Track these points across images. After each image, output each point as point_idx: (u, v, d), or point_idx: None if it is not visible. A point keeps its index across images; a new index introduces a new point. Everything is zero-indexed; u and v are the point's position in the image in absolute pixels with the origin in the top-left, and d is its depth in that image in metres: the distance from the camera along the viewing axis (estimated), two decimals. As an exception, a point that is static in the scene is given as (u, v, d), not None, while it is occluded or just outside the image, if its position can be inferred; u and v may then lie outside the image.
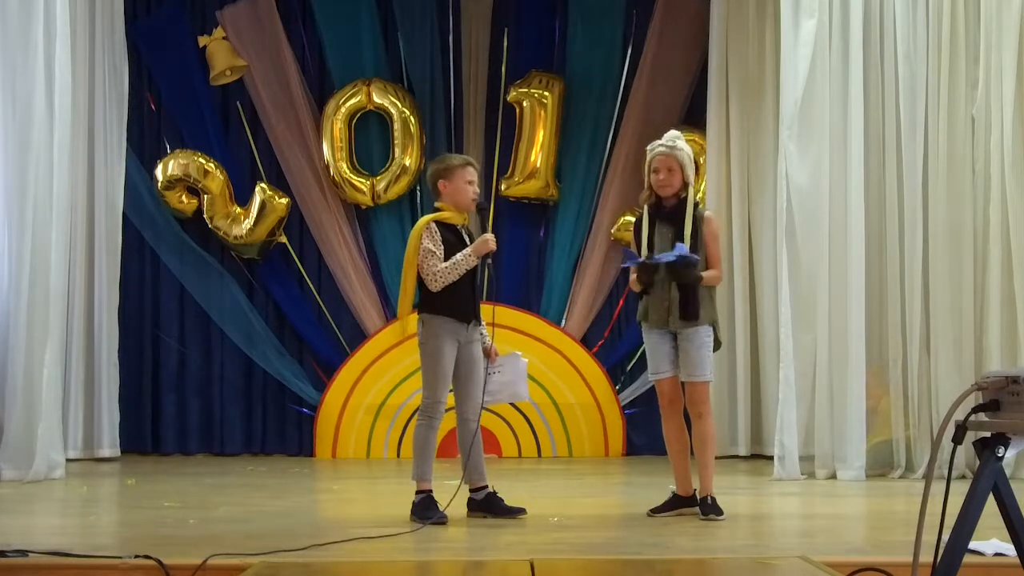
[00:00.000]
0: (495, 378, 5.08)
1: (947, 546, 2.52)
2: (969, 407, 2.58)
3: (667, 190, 5.11)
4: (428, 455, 4.88)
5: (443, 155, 5.32)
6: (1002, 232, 6.82)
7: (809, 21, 6.92)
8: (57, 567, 3.86)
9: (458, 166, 5.01)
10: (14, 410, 6.79)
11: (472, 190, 5.02)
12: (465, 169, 5.01)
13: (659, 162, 5.10)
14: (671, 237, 5.07)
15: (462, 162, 5.05)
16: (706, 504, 5.03)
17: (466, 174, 5.00)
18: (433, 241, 4.93)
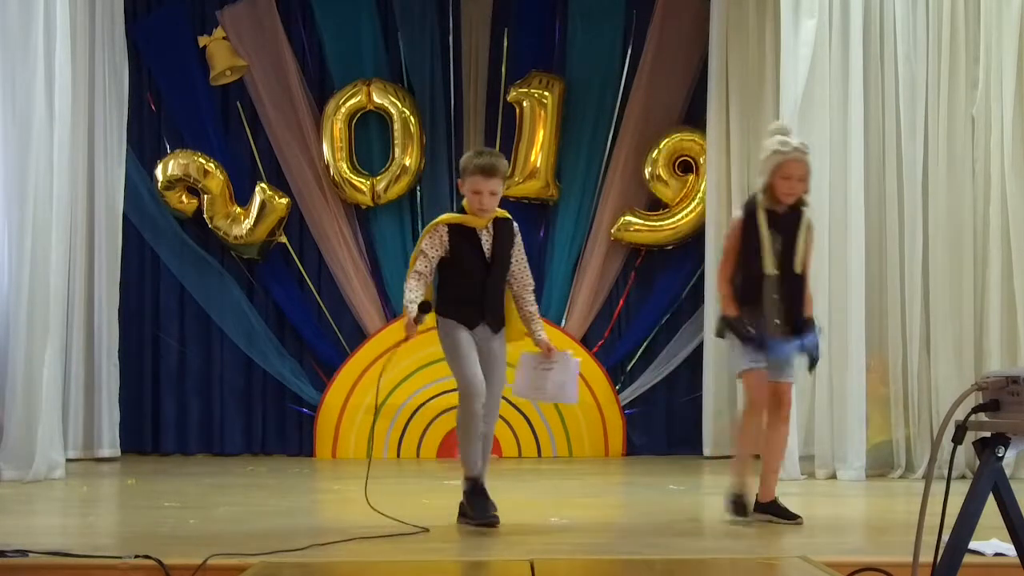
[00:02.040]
0: (547, 375, 4.81)
1: (947, 546, 2.52)
2: (969, 407, 2.58)
3: (791, 199, 4.75)
4: (470, 438, 4.63)
5: (477, 150, 4.97)
6: (1002, 232, 6.83)
7: (809, 21, 6.92)
8: (57, 567, 3.85)
9: (470, 172, 4.71)
10: (14, 410, 6.79)
11: (479, 201, 4.68)
12: (475, 177, 4.68)
13: (793, 168, 4.71)
14: (780, 247, 4.74)
15: (475, 168, 4.70)
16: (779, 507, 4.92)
17: (475, 183, 4.68)
18: (431, 243, 4.69)
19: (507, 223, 4.84)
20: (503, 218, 4.83)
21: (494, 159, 4.77)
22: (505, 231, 4.80)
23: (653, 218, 8.73)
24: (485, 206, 4.69)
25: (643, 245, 8.78)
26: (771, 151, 4.80)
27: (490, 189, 4.68)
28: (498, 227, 4.79)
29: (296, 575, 3.69)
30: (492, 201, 4.71)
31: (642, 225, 8.71)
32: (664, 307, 8.82)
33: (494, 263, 4.74)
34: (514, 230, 4.84)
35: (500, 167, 4.75)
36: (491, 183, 4.69)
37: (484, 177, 4.68)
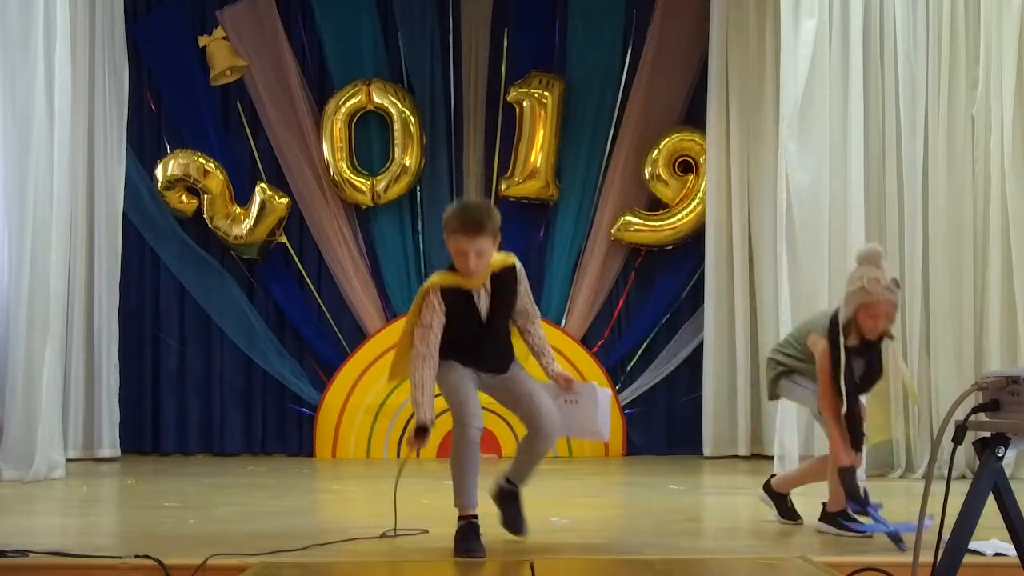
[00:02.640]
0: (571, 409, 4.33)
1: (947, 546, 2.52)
2: (969, 407, 2.58)
3: (876, 335, 4.51)
4: (461, 471, 4.08)
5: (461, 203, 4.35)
6: (1002, 232, 6.83)
7: (809, 21, 6.92)
8: (57, 567, 3.85)
9: (451, 230, 4.09)
10: (14, 410, 6.79)
11: (465, 264, 4.07)
12: (457, 237, 4.06)
13: (881, 308, 4.43)
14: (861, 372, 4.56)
15: (457, 226, 4.07)
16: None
17: (458, 243, 4.05)
18: (430, 313, 4.10)
19: (507, 275, 4.21)
20: (504, 269, 4.20)
21: (479, 214, 4.10)
22: (505, 284, 4.20)
23: (653, 218, 8.73)
24: (472, 269, 4.06)
25: (643, 245, 8.78)
26: (858, 287, 4.49)
27: (476, 249, 4.03)
28: (497, 282, 4.18)
29: (296, 575, 3.69)
30: (480, 262, 4.06)
31: (642, 225, 8.71)
32: (664, 307, 8.82)
33: (491, 322, 4.19)
34: (516, 277, 4.23)
35: (486, 223, 4.06)
36: (477, 243, 4.03)
37: (468, 237, 4.03)
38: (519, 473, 4.31)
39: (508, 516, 4.27)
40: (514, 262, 4.24)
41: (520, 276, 4.25)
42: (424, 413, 4.02)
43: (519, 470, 4.31)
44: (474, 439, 4.05)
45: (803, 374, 4.73)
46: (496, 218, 4.14)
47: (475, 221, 4.04)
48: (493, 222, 4.10)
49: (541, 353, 4.36)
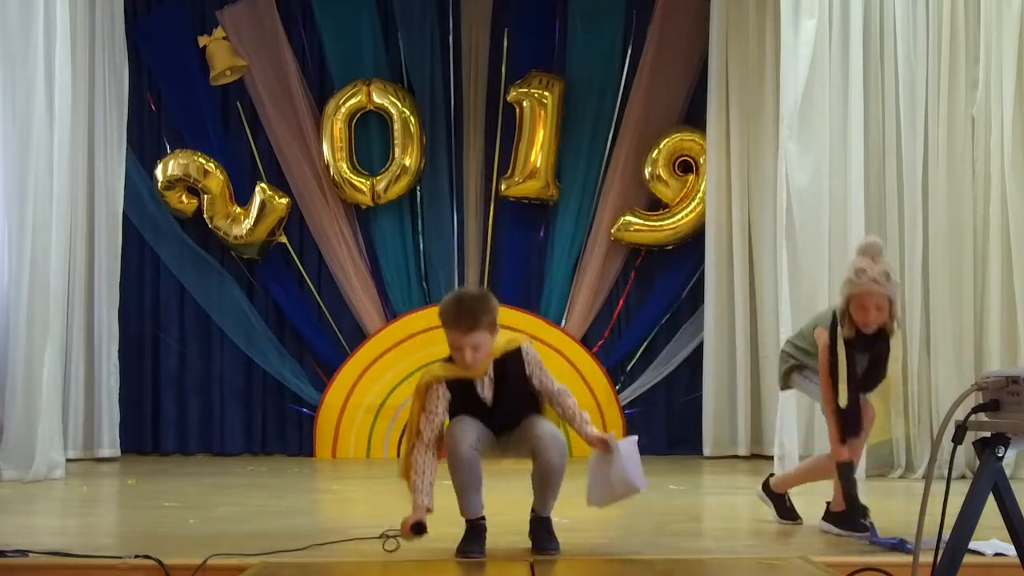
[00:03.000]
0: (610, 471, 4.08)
1: (947, 546, 2.52)
2: (969, 407, 2.58)
3: (871, 328, 4.48)
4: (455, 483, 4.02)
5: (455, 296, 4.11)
6: (1002, 232, 6.83)
7: (809, 21, 6.92)
8: (57, 567, 3.85)
9: (444, 325, 3.99)
10: (14, 410, 6.79)
11: (461, 358, 3.95)
12: (451, 333, 3.95)
13: (868, 299, 4.41)
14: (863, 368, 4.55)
15: (449, 321, 3.96)
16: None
17: (453, 338, 3.94)
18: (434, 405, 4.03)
19: (513, 359, 4.07)
20: (508, 353, 4.06)
21: (473, 310, 3.95)
22: (510, 369, 4.06)
23: (653, 218, 8.73)
24: (469, 363, 3.94)
25: (643, 245, 8.78)
26: (846, 278, 4.50)
27: (472, 344, 3.91)
28: (501, 367, 4.05)
29: (296, 575, 3.69)
30: (478, 355, 3.94)
31: (642, 225, 8.71)
32: (664, 307, 8.82)
33: (496, 406, 4.07)
34: (523, 361, 4.09)
35: (481, 319, 3.92)
36: (471, 338, 3.91)
37: (461, 333, 3.92)
38: (537, 499, 4.21)
39: (535, 541, 4.17)
40: (519, 345, 4.11)
41: (528, 359, 4.10)
42: (422, 499, 3.92)
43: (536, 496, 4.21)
44: (464, 455, 3.97)
45: (812, 368, 4.73)
46: (493, 309, 4.00)
47: (469, 318, 3.93)
48: (489, 316, 3.97)
49: (573, 420, 4.14)
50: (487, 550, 4.03)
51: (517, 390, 4.10)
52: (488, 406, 4.07)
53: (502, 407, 4.09)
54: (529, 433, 4.09)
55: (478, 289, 4.09)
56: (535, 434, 4.07)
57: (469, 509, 4.09)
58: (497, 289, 8.74)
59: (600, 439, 4.08)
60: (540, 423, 4.11)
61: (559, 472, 4.10)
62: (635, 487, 4.08)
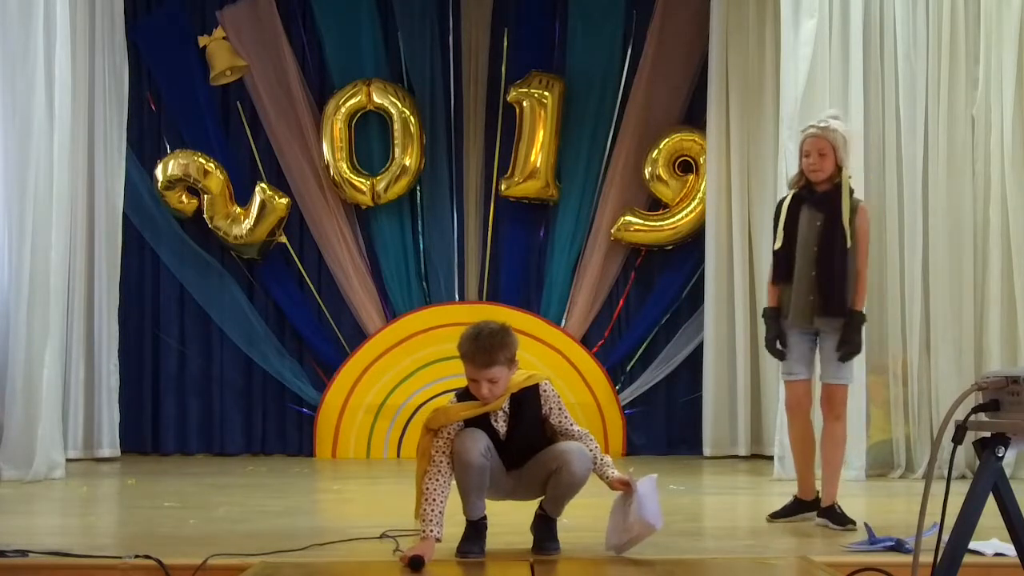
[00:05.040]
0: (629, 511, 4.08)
1: (947, 546, 2.52)
2: (969, 407, 2.58)
3: (818, 175, 4.82)
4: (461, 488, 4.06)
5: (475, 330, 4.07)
6: (1002, 232, 6.83)
7: (809, 21, 6.92)
8: (57, 567, 3.86)
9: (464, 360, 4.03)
10: (14, 410, 6.79)
11: (478, 391, 4.00)
12: (469, 367, 4.00)
13: (810, 144, 4.81)
14: (821, 224, 4.80)
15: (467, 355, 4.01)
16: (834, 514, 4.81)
17: (470, 372, 4.00)
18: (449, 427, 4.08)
19: (530, 395, 4.10)
20: (525, 389, 4.09)
21: (490, 345, 3.98)
22: (526, 405, 4.09)
23: (653, 218, 8.73)
24: (485, 396, 4.00)
25: (643, 245, 8.78)
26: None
27: (488, 378, 3.97)
28: (517, 403, 4.08)
29: (296, 575, 3.69)
30: (495, 388, 3.99)
31: (642, 225, 8.71)
32: (664, 307, 8.81)
33: (510, 441, 4.09)
34: (540, 398, 4.12)
35: (498, 355, 3.96)
36: (488, 372, 3.96)
37: (477, 368, 3.97)
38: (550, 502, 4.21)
39: (536, 541, 4.18)
40: (538, 383, 4.13)
41: (545, 397, 4.13)
42: (431, 529, 3.91)
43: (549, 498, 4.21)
44: (474, 462, 3.99)
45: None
46: (511, 345, 4.02)
47: (485, 353, 3.96)
48: (507, 351, 4.00)
49: (593, 463, 4.17)
50: (487, 550, 4.04)
51: (531, 427, 4.11)
52: (501, 440, 4.08)
53: (515, 442, 4.09)
54: (551, 454, 4.08)
55: (498, 324, 4.08)
56: (560, 449, 4.08)
57: (472, 511, 4.10)
58: (497, 289, 8.76)
59: (622, 481, 4.12)
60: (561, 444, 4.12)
61: (580, 483, 4.12)
62: (652, 526, 4.04)
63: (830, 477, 4.91)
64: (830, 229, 4.81)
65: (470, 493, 4.06)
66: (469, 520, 4.11)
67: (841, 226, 4.80)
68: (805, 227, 4.85)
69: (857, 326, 4.85)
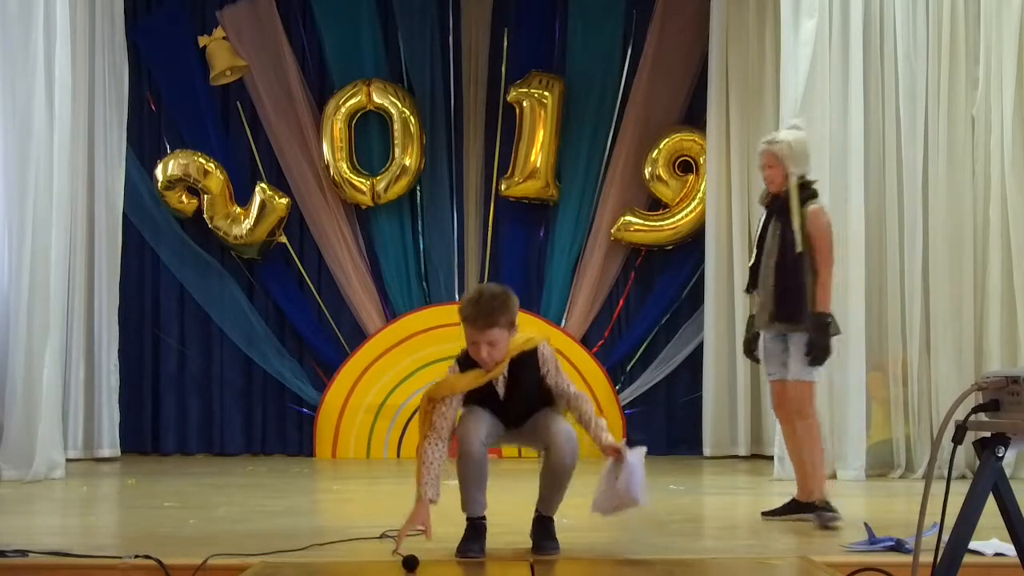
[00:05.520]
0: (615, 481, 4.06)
1: (947, 546, 2.52)
2: (969, 407, 2.58)
3: (772, 187, 5.06)
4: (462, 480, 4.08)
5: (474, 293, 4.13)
6: (1002, 232, 6.83)
7: (809, 21, 6.92)
8: (57, 567, 3.86)
9: (464, 323, 4.06)
10: (14, 410, 6.79)
11: (477, 353, 4.02)
12: (469, 329, 4.03)
13: (760, 160, 5.10)
14: (779, 233, 4.94)
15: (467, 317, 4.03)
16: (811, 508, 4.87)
17: (469, 335, 4.02)
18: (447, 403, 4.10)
19: (528, 359, 4.14)
20: (524, 353, 4.13)
21: (490, 308, 4.01)
22: (524, 368, 4.13)
23: (653, 218, 8.73)
24: (484, 358, 4.02)
25: (643, 245, 8.78)
26: None
27: (487, 340, 3.99)
28: (516, 366, 4.12)
29: (296, 575, 3.69)
30: (494, 351, 4.02)
31: (642, 225, 8.71)
32: (664, 307, 8.82)
33: (508, 401, 4.13)
34: (539, 362, 4.16)
35: (498, 317, 3.99)
36: (488, 334, 3.99)
37: (477, 330, 4.00)
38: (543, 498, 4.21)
39: (535, 541, 4.17)
40: (536, 345, 4.17)
41: (543, 361, 4.17)
42: (426, 490, 3.97)
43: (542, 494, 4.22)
44: (476, 455, 4.03)
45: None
46: (511, 308, 4.05)
47: (485, 315, 3.99)
48: (507, 314, 4.02)
49: (588, 424, 4.15)
50: (487, 550, 4.04)
51: (531, 389, 4.15)
52: (501, 400, 4.13)
53: (515, 403, 4.14)
54: (543, 427, 4.14)
55: (498, 287, 4.13)
56: (551, 430, 4.12)
57: (472, 506, 4.11)
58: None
59: (614, 448, 4.09)
60: (556, 419, 4.16)
61: (568, 472, 4.13)
62: (635, 500, 4.04)
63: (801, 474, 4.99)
64: (785, 237, 4.96)
65: (470, 486, 4.08)
66: (469, 518, 4.12)
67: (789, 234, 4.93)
68: (769, 238, 5.03)
69: (820, 328, 4.89)
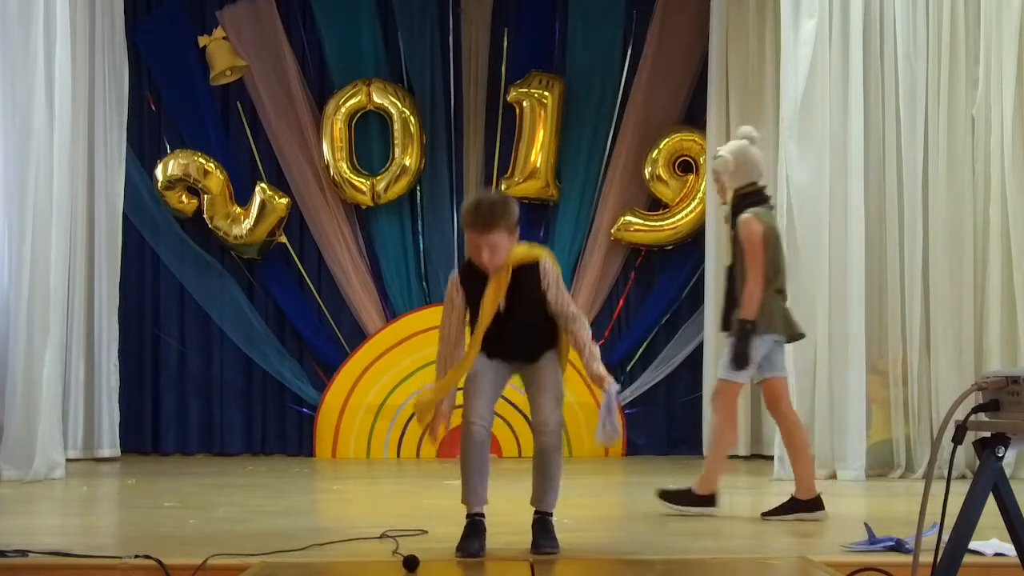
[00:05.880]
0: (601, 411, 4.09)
1: (947, 546, 2.52)
2: (969, 407, 2.57)
3: (721, 199, 5.25)
4: (464, 468, 4.13)
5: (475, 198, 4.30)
6: (1002, 232, 6.83)
7: (809, 21, 6.92)
8: (57, 567, 3.85)
9: (465, 227, 4.18)
10: (14, 410, 6.79)
11: (479, 257, 4.10)
12: (470, 233, 4.12)
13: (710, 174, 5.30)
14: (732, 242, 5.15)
15: (466, 223, 4.15)
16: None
17: (471, 238, 4.11)
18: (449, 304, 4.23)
19: (529, 270, 4.21)
20: (526, 264, 4.22)
21: (490, 210, 4.11)
22: (525, 279, 4.20)
23: (653, 218, 8.73)
24: (486, 262, 4.09)
25: (643, 245, 8.79)
26: None
27: (488, 244, 4.06)
28: (517, 276, 4.18)
29: (296, 575, 3.69)
30: (495, 255, 4.08)
31: (642, 225, 8.71)
32: (664, 307, 8.82)
33: (511, 313, 4.17)
34: (540, 274, 4.23)
35: (498, 220, 4.08)
36: (489, 238, 4.05)
37: (478, 232, 4.07)
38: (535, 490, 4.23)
39: (535, 541, 4.16)
40: (538, 257, 4.25)
41: (544, 274, 4.24)
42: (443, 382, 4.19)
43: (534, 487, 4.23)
44: (477, 436, 4.09)
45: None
46: (512, 213, 4.16)
47: (485, 217, 4.07)
48: (508, 218, 4.12)
49: (582, 351, 4.20)
50: (487, 550, 4.04)
51: (531, 301, 4.19)
52: (501, 312, 4.15)
53: (515, 316, 4.17)
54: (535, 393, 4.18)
55: (498, 194, 4.25)
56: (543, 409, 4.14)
57: (472, 498, 4.13)
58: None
59: (600, 378, 4.10)
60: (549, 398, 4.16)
61: (553, 460, 4.16)
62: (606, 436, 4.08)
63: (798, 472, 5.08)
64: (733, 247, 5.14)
65: (471, 475, 4.12)
66: (468, 515, 4.13)
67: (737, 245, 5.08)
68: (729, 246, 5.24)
69: (739, 334, 4.99)
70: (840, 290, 6.88)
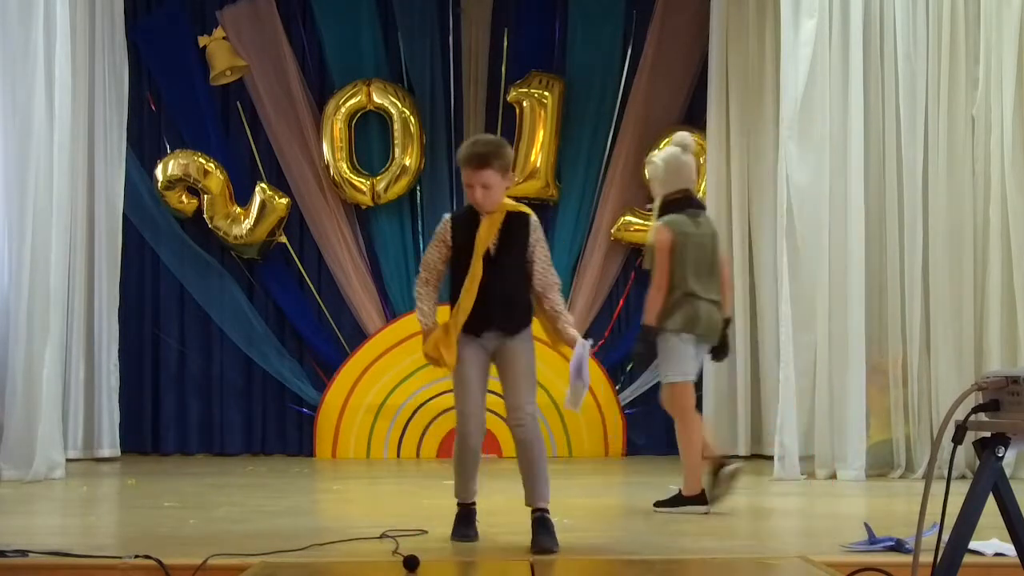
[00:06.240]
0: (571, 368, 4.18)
1: (947, 546, 2.52)
2: (969, 407, 2.57)
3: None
4: (460, 471, 4.34)
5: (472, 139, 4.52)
6: (1002, 232, 6.83)
7: (809, 21, 6.92)
8: (57, 567, 3.85)
9: (461, 165, 4.31)
10: (14, 410, 6.79)
11: (472, 195, 4.23)
12: (464, 171, 4.25)
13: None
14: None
15: (463, 159, 4.27)
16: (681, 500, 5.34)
17: (466, 176, 4.25)
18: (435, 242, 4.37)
19: (520, 220, 4.30)
20: (519, 213, 4.33)
21: (485, 148, 4.28)
22: (516, 228, 4.27)
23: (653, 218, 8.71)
24: (478, 200, 4.20)
25: (643, 245, 8.77)
26: None
27: (481, 182, 4.19)
28: (509, 223, 4.27)
29: (296, 575, 3.69)
30: (487, 195, 4.20)
31: (642, 225, 8.70)
32: (664, 307, 8.80)
33: (498, 261, 4.23)
34: (529, 226, 4.30)
35: (492, 159, 4.23)
36: (481, 175, 4.18)
37: (472, 170, 4.20)
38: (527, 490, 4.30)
39: (535, 541, 4.18)
40: (531, 214, 4.37)
41: (533, 228, 4.32)
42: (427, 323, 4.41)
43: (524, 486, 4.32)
44: (473, 446, 4.31)
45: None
46: (505, 155, 4.32)
47: (479, 155, 4.22)
48: (501, 159, 4.28)
49: (557, 317, 4.31)
50: (487, 550, 4.04)
51: (518, 252, 4.27)
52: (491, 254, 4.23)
53: (502, 262, 4.23)
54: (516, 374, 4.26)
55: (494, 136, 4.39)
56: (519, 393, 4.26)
57: (465, 493, 4.37)
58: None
59: (572, 339, 4.25)
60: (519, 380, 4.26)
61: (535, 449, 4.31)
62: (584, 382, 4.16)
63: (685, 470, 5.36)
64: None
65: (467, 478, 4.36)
66: (460, 504, 4.35)
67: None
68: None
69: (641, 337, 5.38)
70: (840, 290, 6.88)
